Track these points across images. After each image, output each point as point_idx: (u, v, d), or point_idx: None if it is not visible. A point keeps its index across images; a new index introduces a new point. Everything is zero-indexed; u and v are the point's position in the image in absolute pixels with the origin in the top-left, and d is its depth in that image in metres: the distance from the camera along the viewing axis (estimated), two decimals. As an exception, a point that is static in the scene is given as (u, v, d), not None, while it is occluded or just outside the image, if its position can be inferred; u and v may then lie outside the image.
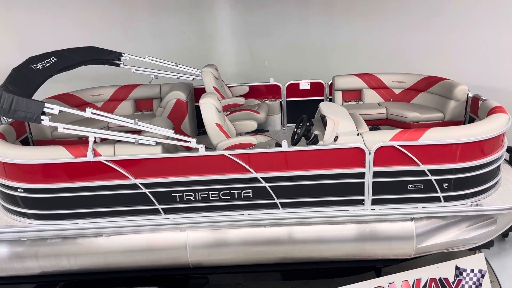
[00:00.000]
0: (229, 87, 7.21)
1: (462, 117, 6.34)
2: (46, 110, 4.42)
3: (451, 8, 7.89)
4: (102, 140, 4.84)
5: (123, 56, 6.69)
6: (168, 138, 4.71)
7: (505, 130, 4.86)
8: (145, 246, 4.92)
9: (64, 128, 4.49)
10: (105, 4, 8.48)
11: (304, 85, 7.23)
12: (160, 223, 4.87)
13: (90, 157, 4.58)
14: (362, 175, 4.73)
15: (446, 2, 7.91)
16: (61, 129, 4.48)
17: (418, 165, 4.66)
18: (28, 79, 4.87)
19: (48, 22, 8.53)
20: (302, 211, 4.88)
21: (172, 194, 4.79)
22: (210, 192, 4.79)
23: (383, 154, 4.65)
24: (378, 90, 7.16)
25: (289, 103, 7.35)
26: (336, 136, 4.71)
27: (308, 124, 5.04)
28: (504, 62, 7.66)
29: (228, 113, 6.53)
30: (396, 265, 5.19)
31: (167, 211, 4.87)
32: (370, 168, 4.68)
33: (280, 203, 4.85)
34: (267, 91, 7.34)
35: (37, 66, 5.14)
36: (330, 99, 7.32)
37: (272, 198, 4.83)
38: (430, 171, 4.69)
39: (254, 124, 5.99)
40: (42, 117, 4.40)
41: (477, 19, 7.68)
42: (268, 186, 4.76)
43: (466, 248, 5.19)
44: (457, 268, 4.97)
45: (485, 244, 5.24)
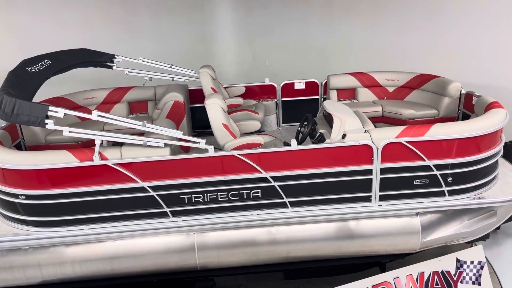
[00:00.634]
0: (225, 87, 7.16)
1: (455, 113, 6.50)
2: (50, 113, 4.28)
3: (450, 8, 8.01)
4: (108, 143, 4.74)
5: (115, 58, 6.56)
6: (178, 140, 4.64)
7: (504, 125, 5.01)
8: (152, 249, 4.82)
9: (69, 131, 4.36)
10: (105, 5, 8.34)
11: (299, 84, 7.25)
12: (168, 226, 4.80)
13: (96, 160, 4.47)
14: (370, 172, 4.79)
15: (446, 2, 8.04)
16: (66, 132, 4.35)
17: (424, 160, 4.75)
18: (26, 82, 4.71)
19: (48, 23, 8.37)
20: (311, 209, 4.90)
21: (181, 196, 4.73)
22: (219, 193, 4.76)
23: (390, 151, 4.71)
24: (372, 89, 7.26)
25: (284, 103, 7.37)
26: (344, 134, 4.75)
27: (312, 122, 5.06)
28: (500, 60, 7.81)
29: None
30: (400, 260, 5.27)
31: (175, 214, 4.80)
32: (377, 165, 4.74)
33: (289, 202, 4.86)
34: (263, 91, 7.32)
35: (32, 69, 4.98)
36: (325, 98, 7.37)
37: (281, 197, 4.83)
38: (436, 166, 4.79)
39: (258, 124, 5.98)
40: (47, 120, 4.26)
41: (476, 19, 7.81)
42: (277, 185, 4.77)
43: (466, 241, 5.31)
44: (457, 260, 5.09)
45: (481, 237, 5.37)
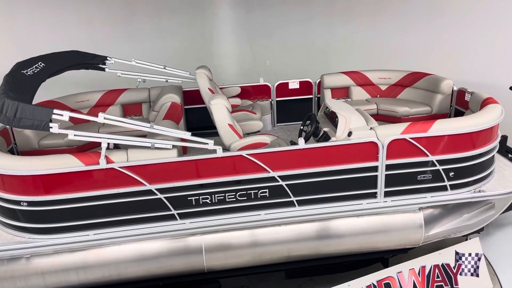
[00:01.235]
0: (220, 88, 7.12)
1: (448, 109, 6.66)
2: (55, 116, 4.16)
3: (450, 9, 8.15)
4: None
5: (108, 60, 6.44)
6: (181, 141, 4.59)
7: (501, 119, 5.16)
8: (159, 253, 4.75)
9: (74, 135, 4.25)
10: (106, 5, 8.18)
11: (293, 84, 7.29)
12: (176, 229, 4.74)
13: (103, 164, 4.37)
14: (375, 169, 4.86)
15: (446, 3, 8.18)
16: (71, 136, 4.24)
17: (427, 156, 4.85)
18: (23, 85, 4.58)
19: (48, 23, 8.23)
20: (318, 207, 4.92)
21: (188, 198, 4.68)
22: (227, 194, 4.73)
23: (394, 147, 4.79)
24: (365, 87, 7.37)
25: (278, 103, 7.39)
26: (350, 132, 4.80)
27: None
28: (498, 60, 7.95)
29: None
30: (400, 254, 5.36)
31: (183, 216, 4.74)
32: (383, 161, 4.81)
33: (296, 200, 4.87)
34: (257, 92, 7.32)
35: (28, 72, 4.85)
36: (319, 98, 7.42)
37: (288, 196, 4.84)
38: (438, 161, 4.89)
39: (260, 124, 5.98)
40: (51, 124, 4.13)
41: (476, 19, 7.94)
42: (285, 184, 4.77)
43: (465, 233, 5.45)
44: (456, 253, 5.23)
45: (476, 230, 5.51)
